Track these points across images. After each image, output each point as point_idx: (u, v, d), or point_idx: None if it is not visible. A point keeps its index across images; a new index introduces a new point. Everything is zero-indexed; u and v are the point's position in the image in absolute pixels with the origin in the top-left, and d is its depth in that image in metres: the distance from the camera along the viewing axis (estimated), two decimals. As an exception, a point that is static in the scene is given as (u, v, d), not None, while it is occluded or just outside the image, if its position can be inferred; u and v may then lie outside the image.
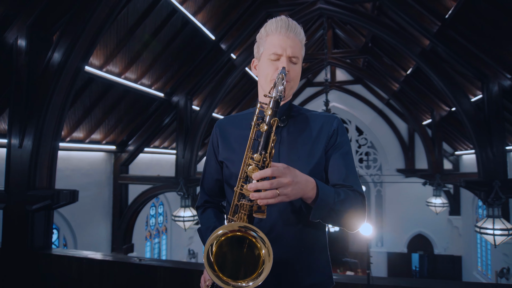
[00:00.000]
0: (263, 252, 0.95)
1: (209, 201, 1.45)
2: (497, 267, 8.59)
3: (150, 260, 3.00)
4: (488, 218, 5.13)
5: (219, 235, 0.97)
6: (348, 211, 1.10)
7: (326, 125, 1.27)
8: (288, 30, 1.23)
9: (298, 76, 1.28)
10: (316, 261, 1.24)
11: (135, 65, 5.75)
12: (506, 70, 5.42)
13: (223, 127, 1.37)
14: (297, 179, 1.00)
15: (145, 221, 8.34)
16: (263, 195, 0.96)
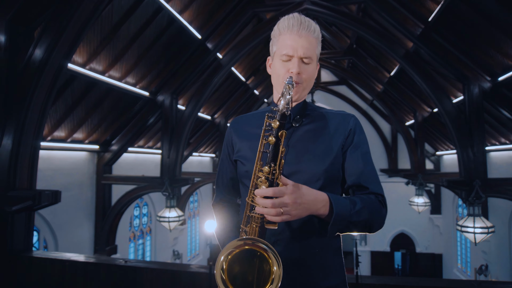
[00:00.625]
0: (274, 268, 0.96)
1: (224, 200, 1.43)
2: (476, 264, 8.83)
3: (136, 262, 2.94)
4: (469, 217, 5.26)
5: (228, 254, 1.00)
6: (365, 220, 1.09)
7: (342, 124, 1.24)
8: (301, 28, 1.18)
9: (312, 76, 1.24)
10: (331, 263, 1.21)
11: (119, 63, 5.65)
12: (486, 73, 5.58)
13: (237, 126, 1.36)
14: (302, 199, 1.00)
15: (128, 222, 8.20)
16: (266, 212, 0.98)
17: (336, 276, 1.21)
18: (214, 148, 13.27)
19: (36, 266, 3.11)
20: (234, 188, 1.40)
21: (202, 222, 12.97)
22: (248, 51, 7.06)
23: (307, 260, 1.17)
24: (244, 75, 9.94)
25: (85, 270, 2.94)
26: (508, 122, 6.46)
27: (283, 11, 6.53)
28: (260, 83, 10.74)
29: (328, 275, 1.19)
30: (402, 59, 6.16)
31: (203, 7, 6.22)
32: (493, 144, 7.68)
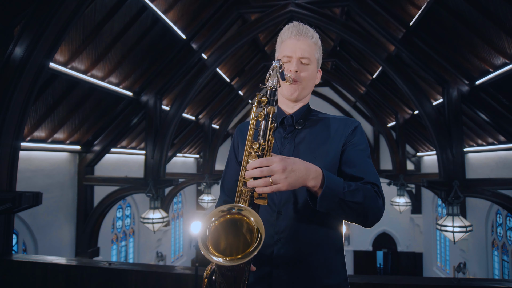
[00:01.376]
0: (253, 222, 0.97)
1: (228, 201, 1.45)
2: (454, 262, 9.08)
3: (121, 264, 2.90)
4: (448, 216, 5.41)
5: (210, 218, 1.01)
6: (361, 204, 1.07)
7: (344, 127, 1.30)
8: (299, 34, 1.29)
9: (310, 76, 1.31)
10: (333, 262, 1.24)
11: (102, 63, 5.55)
12: (464, 77, 5.76)
13: (243, 130, 1.43)
14: (293, 167, 0.99)
15: (111, 223, 8.07)
16: (256, 183, 0.98)
17: (338, 275, 1.24)
18: (198, 149, 13.21)
19: (16, 270, 3.03)
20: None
21: (186, 223, 12.88)
22: (233, 52, 7.07)
23: (310, 258, 1.20)
24: (229, 76, 9.93)
25: (68, 273, 2.88)
26: (484, 125, 6.68)
27: (268, 13, 6.57)
28: (244, 84, 10.75)
29: (330, 273, 1.22)
30: (384, 62, 6.28)
31: (187, 7, 6.19)
32: (470, 145, 7.92)
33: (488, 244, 7.84)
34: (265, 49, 10.29)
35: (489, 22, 4.48)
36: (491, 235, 7.81)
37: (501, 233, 7.44)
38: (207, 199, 9.93)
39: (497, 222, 7.63)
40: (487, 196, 5.49)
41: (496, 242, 7.62)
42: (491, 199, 5.53)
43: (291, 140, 1.29)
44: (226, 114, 11.84)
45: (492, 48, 4.87)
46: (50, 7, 3.17)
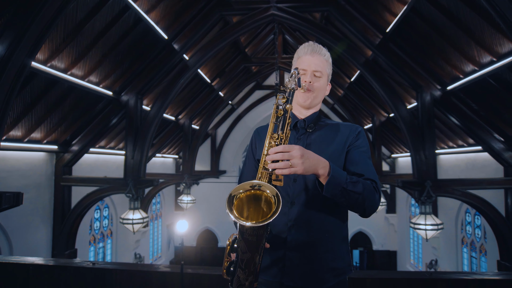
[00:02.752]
0: (268, 193, 1.18)
1: None
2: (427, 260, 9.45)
3: (104, 264, 2.91)
4: (421, 215, 5.67)
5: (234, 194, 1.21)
6: (361, 194, 1.27)
7: (349, 132, 1.52)
8: (313, 51, 1.53)
9: (321, 87, 1.54)
10: (339, 248, 1.44)
11: (82, 61, 5.48)
12: (437, 82, 6.05)
13: (261, 132, 1.64)
14: (308, 155, 1.20)
15: (89, 224, 7.93)
16: (277, 166, 1.18)
17: (342, 260, 1.45)
18: (177, 149, 13.13)
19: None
20: None
21: (165, 224, 12.78)
22: (215, 53, 7.12)
23: (319, 243, 1.40)
24: (209, 76, 9.95)
25: (51, 274, 2.86)
26: (455, 128, 7.02)
27: (250, 15, 6.66)
28: (225, 85, 10.80)
29: (336, 258, 1.42)
30: (362, 66, 6.50)
31: (170, 8, 6.19)
32: (442, 147, 8.28)
33: (458, 242, 8.23)
34: (245, 50, 10.37)
35: (460, 32, 4.74)
36: (461, 233, 8.20)
37: (470, 231, 7.83)
38: (186, 200, 9.91)
39: (466, 221, 8.02)
40: (457, 196, 5.78)
41: (466, 239, 8.01)
42: (461, 198, 5.82)
43: (303, 141, 1.49)
44: (206, 114, 11.85)
45: (462, 55, 5.15)
46: (34, 5, 3.14)
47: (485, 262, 7.11)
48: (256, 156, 1.60)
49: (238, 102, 14.23)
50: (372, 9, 6.14)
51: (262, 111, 14.43)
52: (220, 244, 14.01)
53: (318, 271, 1.38)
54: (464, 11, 4.44)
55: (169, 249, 13.13)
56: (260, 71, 11.70)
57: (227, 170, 14.19)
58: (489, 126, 5.93)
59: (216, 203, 13.72)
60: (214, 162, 14.13)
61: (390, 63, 6.25)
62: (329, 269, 1.40)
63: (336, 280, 1.41)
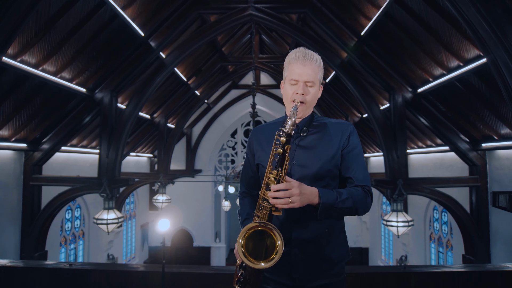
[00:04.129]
0: (279, 243, 1.33)
1: (246, 192, 1.81)
2: (397, 255, 9.81)
3: (82, 265, 2.85)
4: (393, 212, 5.88)
5: (246, 229, 1.37)
6: (352, 207, 1.46)
7: (341, 130, 1.59)
8: (305, 59, 1.52)
9: (314, 97, 1.58)
10: (337, 239, 1.60)
11: (55, 57, 5.30)
12: (408, 84, 6.29)
13: (258, 135, 1.71)
14: (304, 191, 1.36)
15: (59, 225, 7.67)
16: (278, 202, 1.33)
17: (341, 248, 1.61)
18: (152, 148, 12.93)
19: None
20: (255, 183, 1.76)
21: (139, 224, 12.55)
22: (192, 52, 7.08)
23: (319, 238, 1.55)
24: (186, 75, 9.87)
25: (25, 277, 2.77)
26: (424, 128, 7.32)
27: (228, 15, 6.67)
28: (201, 83, 10.73)
29: (335, 248, 1.58)
30: (337, 67, 6.67)
31: (147, 5, 6.09)
32: (412, 147, 8.62)
33: (426, 238, 8.60)
34: (222, 49, 10.36)
35: (430, 37, 4.97)
36: (429, 229, 8.57)
37: (437, 227, 8.21)
38: (161, 199, 9.78)
39: (434, 218, 8.40)
40: (426, 194, 6.05)
41: (433, 235, 8.39)
42: (430, 196, 6.10)
43: (297, 145, 1.57)
44: (182, 113, 11.74)
45: (432, 60, 5.39)
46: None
47: (451, 256, 7.48)
48: (256, 161, 1.67)
49: (214, 101, 14.17)
50: (348, 13, 6.30)
51: (238, 110, 14.44)
52: (195, 244, 13.92)
53: (321, 262, 1.55)
54: (434, 18, 4.65)
55: (143, 249, 12.91)
56: (237, 70, 11.71)
57: (202, 169, 14.11)
58: (456, 127, 6.24)
59: (191, 202, 13.62)
60: (190, 161, 14.01)
61: (364, 65, 6.45)
62: (331, 258, 1.56)
63: (338, 266, 1.59)
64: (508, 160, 5.69)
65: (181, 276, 2.74)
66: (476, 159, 6.17)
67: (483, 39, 2.97)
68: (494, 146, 5.80)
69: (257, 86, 13.86)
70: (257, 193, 1.76)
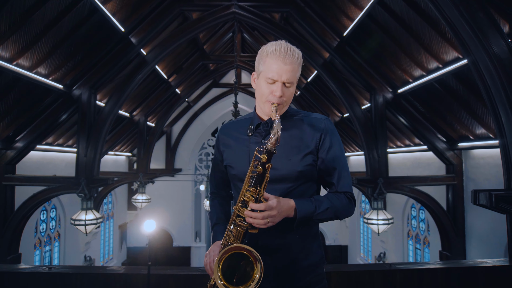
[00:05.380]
0: (257, 276, 1.23)
1: (216, 192, 1.71)
2: (376, 253, 10.01)
3: (62, 268, 2.74)
4: (373, 211, 5.99)
5: (228, 250, 1.25)
6: (330, 217, 1.39)
7: (316, 128, 1.43)
8: (286, 56, 1.33)
9: (291, 97, 1.43)
10: (310, 246, 1.47)
11: (30, 51, 5.08)
12: (388, 85, 6.41)
13: (225, 132, 1.57)
14: (281, 209, 1.28)
15: (34, 227, 7.39)
16: (256, 222, 1.25)
17: (315, 255, 1.48)
18: (131, 147, 12.66)
19: None
20: (224, 183, 1.67)
21: (117, 224, 12.27)
22: (174, 49, 6.97)
23: (290, 245, 1.42)
24: (166, 72, 9.71)
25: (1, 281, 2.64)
26: (403, 128, 7.49)
27: (210, 12, 6.60)
28: (182, 82, 10.58)
29: (308, 255, 1.45)
30: (320, 67, 6.72)
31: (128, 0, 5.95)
32: (391, 147, 8.81)
33: (404, 235, 8.81)
34: (204, 47, 10.25)
35: (411, 39, 5.08)
36: (407, 227, 8.79)
37: (415, 224, 8.43)
38: (141, 199, 9.60)
39: (411, 215, 8.62)
40: (406, 192, 6.19)
41: (411, 232, 8.61)
42: (409, 194, 6.25)
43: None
44: (162, 111, 11.55)
45: (412, 61, 5.51)
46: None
47: (428, 253, 7.70)
48: (224, 162, 1.54)
49: (194, 100, 14.02)
50: (331, 13, 6.36)
51: (218, 109, 14.34)
52: (175, 244, 13.74)
53: (292, 270, 1.42)
54: (415, 20, 4.76)
55: (121, 250, 12.63)
56: (218, 69, 11.63)
57: (182, 169, 13.94)
58: (434, 127, 6.41)
59: (171, 202, 13.43)
60: (169, 160, 13.81)
61: (346, 66, 6.53)
62: (303, 267, 1.43)
63: (311, 275, 1.45)
64: (483, 160, 5.89)
65: (166, 278, 2.68)
66: (453, 158, 6.36)
67: (464, 41, 3.05)
68: (469, 146, 6.00)
69: (238, 84, 13.83)
70: (226, 195, 1.72)
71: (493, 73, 2.94)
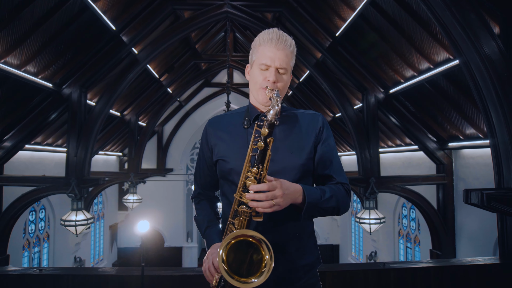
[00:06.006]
0: (267, 257, 1.12)
1: (202, 194, 1.59)
2: (367, 252, 10.08)
3: (53, 270, 2.69)
4: (365, 210, 6.03)
5: (232, 237, 1.14)
6: (333, 207, 1.32)
7: (313, 123, 1.43)
8: (279, 42, 1.32)
9: (286, 85, 1.40)
10: (306, 245, 1.42)
11: (19, 49, 4.99)
12: (380, 85, 6.46)
13: (216, 126, 1.47)
14: (287, 191, 1.19)
15: (22, 228, 7.26)
16: (260, 205, 1.15)
17: (311, 255, 1.43)
18: (121, 147, 12.53)
19: None
20: (211, 184, 1.56)
21: (107, 225, 12.14)
22: (166, 48, 6.92)
23: (286, 245, 1.37)
24: (158, 72, 9.63)
25: (-10, 283, 2.58)
26: (394, 128, 7.56)
27: (203, 11, 6.57)
28: (173, 81, 10.51)
29: (304, 255, 1.40)
30: (312, 67, 6.74)
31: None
32: (382, 147, 8.88)
33: (395, 234, 8.90)
34: (196, 46, 10.20)
35: (403, 39, 5.12)
36: (398, 226, 8.88)
37: (406, 223, 8.51)
38: (132, 199, 9.51)
39: (402, 214, 8.71)
40: (397, 191, 6.24)
41: (402, 231, 8.69)
42: (400, 193, 6.30)
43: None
44: (153, 111, 11.46)
45: (404, 62, 5.56)
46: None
47: (419, 251, 7.78)
48: (214, 157, 1.45)
49: (186, 99, 13.94)
50: (323, 14, 6.38)
51: (210, 109, 14.29)
52: (166, 244, 13.65)
53: (289, 271, 1.37)
54: (408, 21, 4.80)
55: (112, 251, 12.50)
56: (210, 68, 11.59)
57: (174, 168, 13.86)
58: (425, 127, 6.48)
59: (162, 202, 13.33)
60: (161, 160, 13.72)
61: (339, 66, 6.56)
62: (300, 266, 1.38)
63: (308, 275, 1.41)
64: (472, 159, 5.98)
65: (161, 279, 2.65)
66: (443, 158, 6.44)
67: (456, 42, 3.09)
68: (459, 146, 6.07)
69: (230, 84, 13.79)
70: (213, 196, 1.62)
71: (484, 73, 2.98)
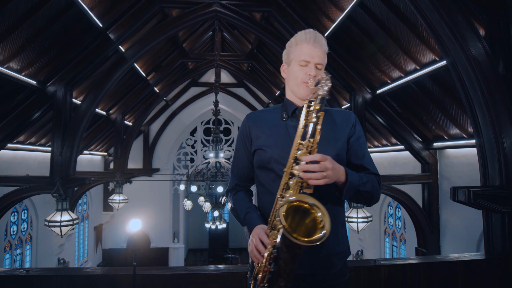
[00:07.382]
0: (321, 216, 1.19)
1: (240, 185, 1.66)
2: (353, 250, 10.19)
3: (41, 270, 2.62)
4: (353, 209, 6.09)
5: (292, 201, 1.19)
6: (369, 191, 1.40)
7: (346, 118, 1.56)
8: (316, 41, 1.47)
9: None
10: (340, 233, 1.51)
11: (2, 45, 4.85)
12: (367, 86, 6.55)
13: (255, 119, 1.59)
14: (335, 165, 1.27)
15: (4, 229, 7.06)
16: (313, 176, 1.21)
17: (344, 244, 1.53)
18: (107, 146, 12.33)
19: None
20: (249, 176, 1.64)
21: (92, 226, 11.92)
22: (153, 46, 6.84)
23: None
24: (144, 70, 9.52)
25: (-26, 285, 2.50)
26: (380, 128, 7.67)
27: (192, 10, 6.53)
28: (160, 80, 10.41)
29: (339, 243, 1.50)
30: (301, 68, 6.77)
31: (106, -6, 5.79)
32: (369, 147, 9.00)
33: (381, 232, 9.03)
34: (183, 45, 10.13)
35: (390, 40, 5.20)
36: (384, 224, 9.01)
37: (392, 222, 8.65)
38: (118, 199, 9.37)
39: (388, 213, 8.84)
40: (384, 190, 6.33)
41: (388, 230, 8.83)
42: (387, 192, 6.39)
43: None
44: (140, 110, 11.33)
45: (391, 63, 5.65)
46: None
47: (404, 249, 7.91)
48: (253, 147, 1.55)
49: (172, 98, 13.82)
50: (312, 14, 6.43)
51: (197, 108, 14.21)
52: (153, 245, 13.50)
53: (326, 257, 1.44)
54: (395, 22, 4.88)
55: (97, 252, 12.29)
56: (198, 67, 11.51)
57: (160, 168, 13.72)
58: (410, 127, 6.60)
59: (148, 202, 13.17)
60: (147, 159, 13.56)
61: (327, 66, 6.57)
62: (335, 253, 1.47)
63: (341, 263, 1.50)
64: (456, 159, 6.12)
65: (152, 278, 2.62)
66: (428, 158, 6.57)
67: (444, 43, 3.16)
68: (444, 145, 6.21)
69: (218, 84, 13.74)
70: (249, 188, 1.69)
71: (471, 74, 3.06)
